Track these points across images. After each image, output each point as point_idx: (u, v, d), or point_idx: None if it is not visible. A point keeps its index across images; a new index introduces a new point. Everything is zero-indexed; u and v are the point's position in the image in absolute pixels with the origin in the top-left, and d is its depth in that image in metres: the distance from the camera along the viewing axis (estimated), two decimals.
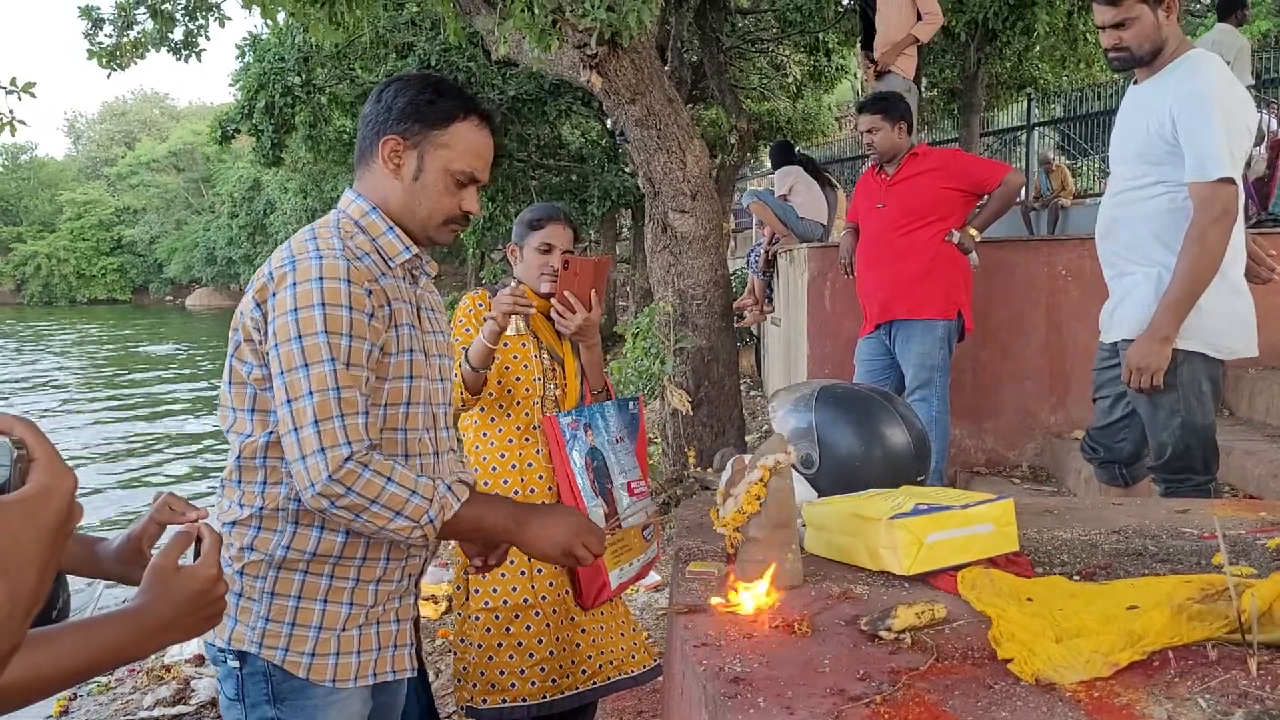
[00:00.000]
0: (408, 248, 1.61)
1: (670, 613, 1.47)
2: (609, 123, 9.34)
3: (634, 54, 4.76)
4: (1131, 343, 2.57)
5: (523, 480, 2.44)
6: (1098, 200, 2.82)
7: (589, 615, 2.50)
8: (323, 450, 1.43)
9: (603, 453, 2.47)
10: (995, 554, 1.56)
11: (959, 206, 4.00)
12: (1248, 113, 2.58)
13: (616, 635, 2.55)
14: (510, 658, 2.39)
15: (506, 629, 2.39)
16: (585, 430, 2.44)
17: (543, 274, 2.48)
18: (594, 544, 1.61)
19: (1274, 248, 2.77)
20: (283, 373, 1.46)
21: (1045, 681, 1.10)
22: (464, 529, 1.56)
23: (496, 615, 2.40)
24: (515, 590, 2.40)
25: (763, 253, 7.30)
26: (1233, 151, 2.44)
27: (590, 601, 2.47)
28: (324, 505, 1.45)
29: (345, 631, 1.55)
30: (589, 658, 2.48)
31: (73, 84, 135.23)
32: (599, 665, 2.49)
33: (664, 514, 4.60)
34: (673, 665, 1.49)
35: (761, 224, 7.60)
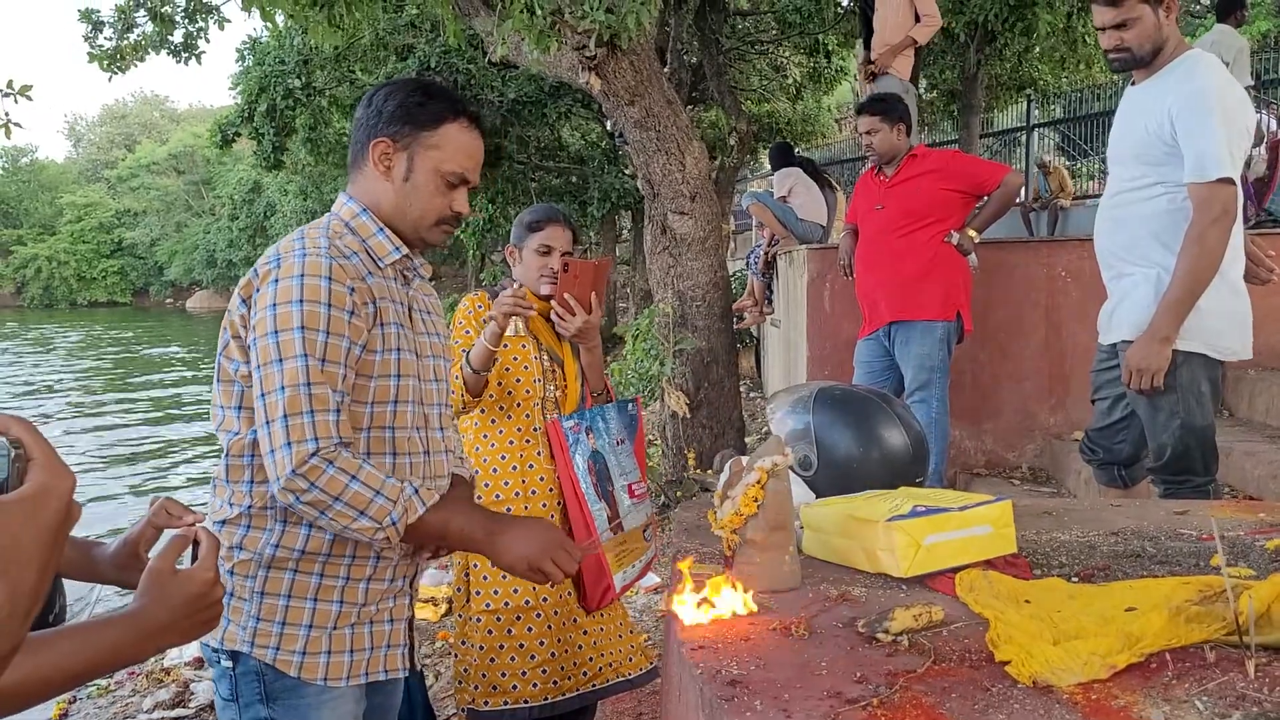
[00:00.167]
0: (397, 248, 1.62)
1: (668, 615, 1.47)
2: (608, 125, 9.35)
3: (633, 56, 4.76)
4: (1131, 344, 2.57)
5: (524, 482, 2.44)
6: (1097, 201, 2.82)
7: (590, 617, 2.50)
8: (289, 444, 1.43)
9: (604, 455, 2.47)
10: (993, 556, 1.56)
11: (958, 208, 3.99)
12: (1247, 113, 2.58)
13: (615, 637, 2.55)
14: (511, 659, 2.39)
15: (508, 631, 2.39)
16: (587, 434, 2.44)
17: (542, 276, 2.47)
18: (565, 561, 1.56)
19: (1273, 248, 2.77)
20: (259, 367, 1.48)
21: (1043, 684, 1.10)
22: (430, 534, 1.55)
23: (498, 617, 2.40)
24: (517, 592, 2.39)
25: (762, 254, 7.30)
26: (1232, 152, 2.44)
27: (595, 605, 2.47)
28: (290, 500, 1.45)
29: (337, 630, 1.55)
30: (590, 659, 2.48)
31: (73, 87, 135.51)
32: (599, 667, 2.49)
33: (663, 515, 4.60)
34: (670, 668, 1.49)
35: (761, 225, 7.60)
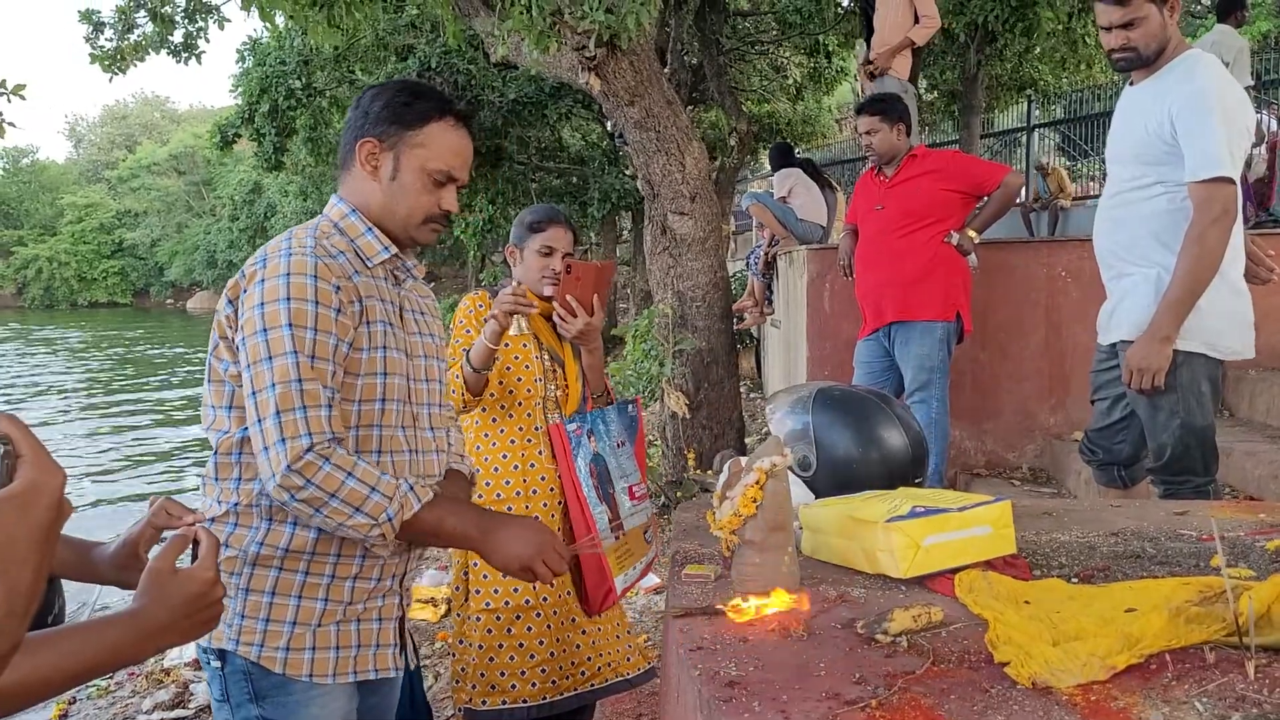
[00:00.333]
0: (386, 248, 1.62)
1: (666, 616, 1.47)
2: (609, 125, 9.34)
3: (633, 56, 4.76)
4: (1131, 344, 2.56)
5: (525, 481, 2.44)
6: (1097, 201, 2.81)
7: (589, 617, 2.49)
8: (283, 441, 1.43)
9: (605, 458, 2.47)
10: (993, 556, 1.55)
11: (958, 208, 3.99)
12: (1247, 113, 2.57)
13: (613, 637, 2.55)
14: (511, 659, 2.38)
15: (508, 630, 2.39)
16: (589, 436, 2.44)
17: (544, 277, 2.47)
18: (555, 563, 1.59)
19: (1273, 248, 2.77)
20: (249, 366, 1.48)
21: (1042, 685, 1.09)
22: (424, 531, 1.56)
23: (498, 616, 2.39)
24: (517, 591, 2.39)
25: (762, 255, 7.29)
26: (1232, 152, 2.43)
27: (597, 608, 2.46)
28: (285, 498, 1.45)
29: (321, 627, 1.55)
30: (588, 659, 2.47)
31: (73, 87, 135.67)
32: (597, 667, 2.49)
33: (664, 516, 4.59)
34: (669, 669, 1.48)
35: (761, 226, 7.60)
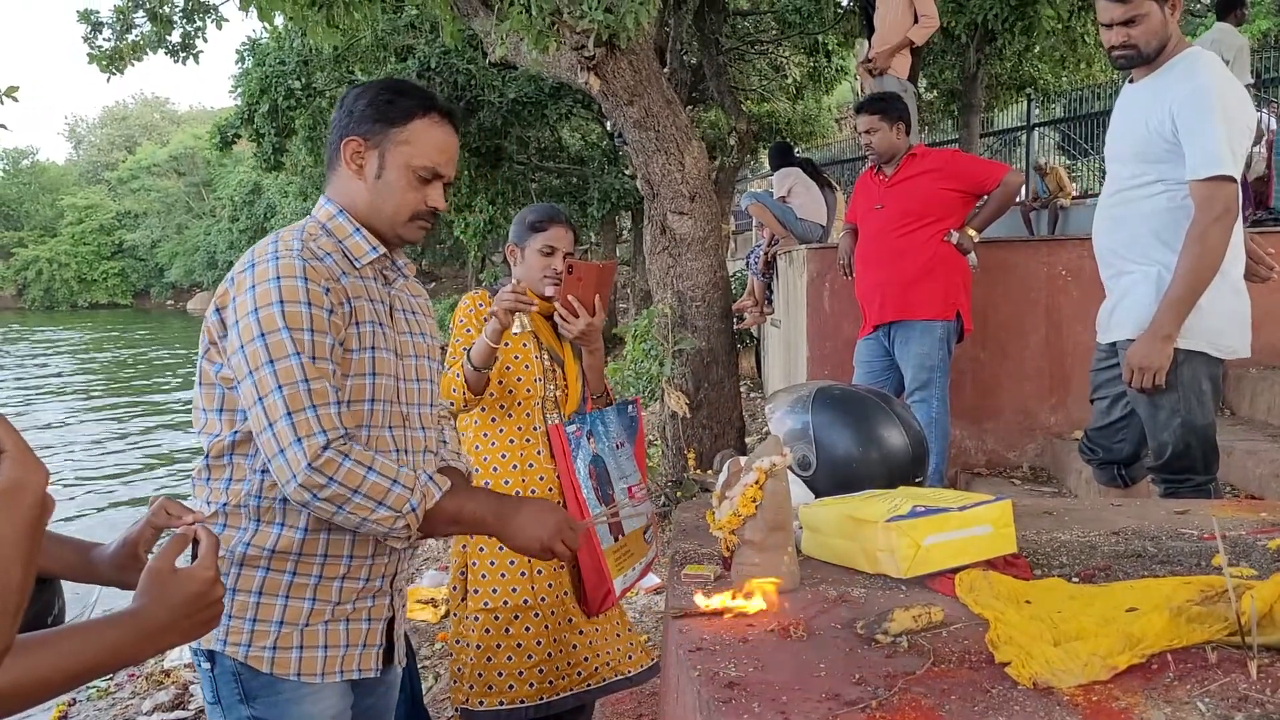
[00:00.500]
0: (374, 248, 1.62)
1: (666, 617, 1.46)
2: (608, 125, 9.34)
3: (632, 55, 4.75)
4: (1132, 342, 2.56)
5: (524, 481, 2.44)
6: (1097, 200, 2.81)
7: (587, 618, 2.49)
8: (299, 441, 1.43)
9: (604, 459, 2.46)
10: (993, 556, 1.55)
11: (958, 207, 3.99)
12: (1247, 111, 2.57)
13: (612, 636, 2.55)
14: (509, 659, 2.38)
15: (505, 630, 2.39)
16: (588, 438, 2.44)
17: (545, 277, 2.46)
18: (571, 540, 1.63)
19: (1272, 246, 2.76)
20: (251, 373, 1.46)
21: (1043, 685, 1.09)
22: (445, 519, 1.57)
23: (496, 616, 2.39)
24: (515, 591, 2.39)
25: (762, 254, 7.28)
26: (1233, 150, 2.43)
27: (596, 609, 2.46)
28: (306, 498, 1.44)
29: (309, 627, 1.55)
30: (584, 660, 2.47)
31: (73, 89, 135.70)
32: (594, 667, 2.49)
33: (664, 517, 4.59)
34: (668, 669, 1.48)
35: (761, 226, 7.59)
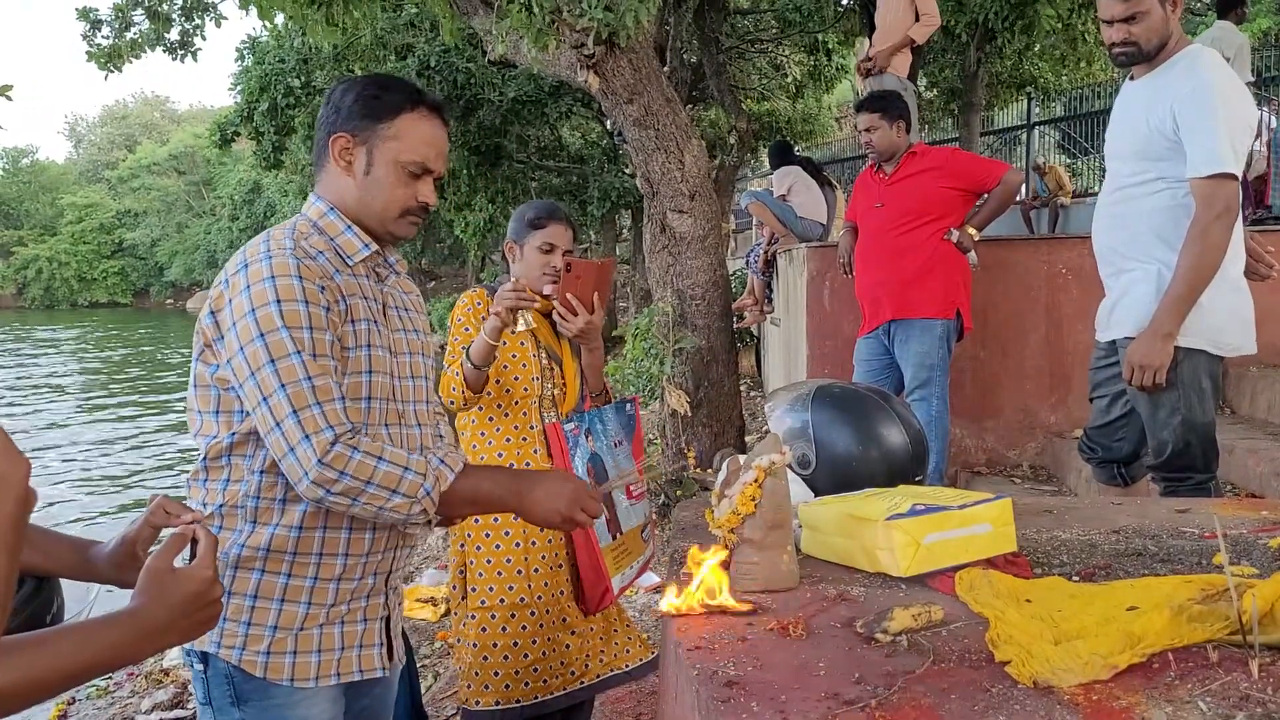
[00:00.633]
0: (366, 245, 1.61)
1: (664, 616, 1.46)
2: (608, 124, 9.34)
3: (632, 54, 4.75)
4: (1132, 340, 2.55)
5: None
6: (1098, 198, 2.80)
7: (580, 616, 2.49)
8: (307, 438, 1.42)
9: (602, 457, 2.46)
10: (993, 555, 1.54)
11: (958, 205, 3.98)
12: (1248, 109, 2.56)
13: (609, 633, 2.55)
14: (505, 658, 2.38)
15: (502, 628, 2.39)
16: (586, 436, 2.43)
17: (544, 274, 2.46)
18: (591, 507, 1.61)
19: (1272, 244, 2.75)
20: (253, 374, 1.45)
21: (1043, 684, 1.08)
22: (462, 499, 1.56)
23: (492, 614, 2.39)
24: (512, 589, 2.39)
25: (762, 253, 7.28)
26: (1235, 147, 2.42)
27: (594, 607, 2.46)
28: (319, 494, 1.44)
29: (304, 631, 1.54)
30: (577, 659, 2.47)
31: (74, 88, 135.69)
32: (587, 665, 2.49)
33: (664, 516, 4.59)
34: (667, 668, 1.47)
35: (761, 224, 7.58)
